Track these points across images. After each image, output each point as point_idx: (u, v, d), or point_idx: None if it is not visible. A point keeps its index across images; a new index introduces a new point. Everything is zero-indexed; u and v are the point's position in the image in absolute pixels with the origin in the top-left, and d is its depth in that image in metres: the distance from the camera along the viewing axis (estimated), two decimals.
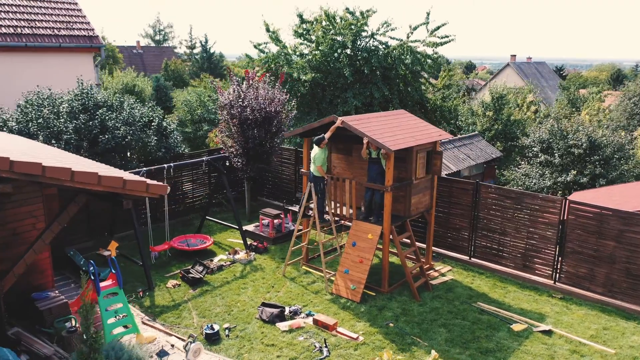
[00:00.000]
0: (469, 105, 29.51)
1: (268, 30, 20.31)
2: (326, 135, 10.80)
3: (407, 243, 12.84)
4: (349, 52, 19.72)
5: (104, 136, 12.71)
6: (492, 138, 24.67)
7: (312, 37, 19.94)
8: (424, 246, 12.54)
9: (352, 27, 19.36)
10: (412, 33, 20.11)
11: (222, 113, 14.53)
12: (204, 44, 48.86)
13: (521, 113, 26.36)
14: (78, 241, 12.59)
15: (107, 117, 13.04)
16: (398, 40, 20.06)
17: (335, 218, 11.58)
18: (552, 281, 11.24)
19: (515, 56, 53.21)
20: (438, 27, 19.84)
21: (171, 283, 11.17)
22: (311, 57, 19.71)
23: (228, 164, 14.99)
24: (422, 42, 19.96)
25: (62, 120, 12.57)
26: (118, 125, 13.11)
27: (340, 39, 19.49)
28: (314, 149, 11.00)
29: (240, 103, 13.96)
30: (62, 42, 15.92)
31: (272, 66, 19.94)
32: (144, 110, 14.64)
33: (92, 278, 8.43)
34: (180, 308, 10.18)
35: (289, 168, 16.29)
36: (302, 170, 11.94)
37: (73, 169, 6.40)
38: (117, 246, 9.07)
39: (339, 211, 11.31)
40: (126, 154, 13.70)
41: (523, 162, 20.00)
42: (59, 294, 9.32)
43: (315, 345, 8.84)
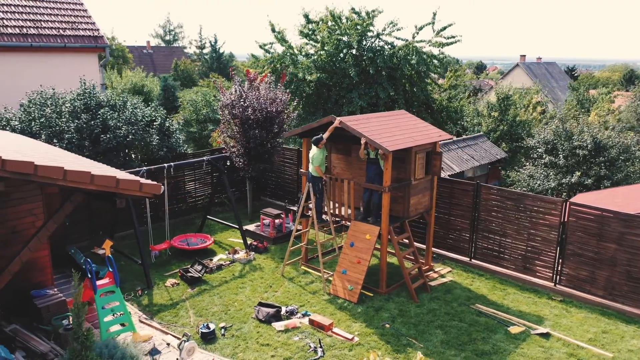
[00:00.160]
0: (475, 105, 29.29)
1: (274, 30, 20.33)
2: (324, 135, 10.78)
3: (406, 244, 12.79)
4: (355, 52, 19.65)
5: (106, 135, 12.82)
6: (498, 139, 24.48)
7: (318, 37, 19.90)
8: (425, 247, 12.49)
9: (358, 27, 19.30)
10: (418, 33, 19.99)
11: (224, 113, 14.59)
12: (214, 44, 49.03)
13: (527, 114, 26.12)
14: (80, 240, 12.74)
15: (109, 117, 13.15)
16: (404, 40, 19.97)
17: (335, 218, 11.57)
18: (553, 283, 11.14)
19: (525, 56, 52.82)
20: (444, 28, 19.71)
21: (170, 282, 11.23)
22: (317, 57, 19.69)
23: (229, 164, 15.04)
24: (428, 43, 19.86)
25: (64, 119, 12.70)
26: (120, 124, 13.21)
27: (345, 39, 19.44)
28: (312, 149, 10.97)
29: (241, 103, 14.00)
30: (67, 42, 16.08)
31: (278, 66, 19.96)
32: (147, 110, 14.72)
33: (89, 276, 8.52)
34: (177, 307, 10.24)
35: (292, 168, 16.30)
36: (301, 170, 11.94)
37: (65, 168, 6.45)
38: (112, 245, 9.11)
39: (338, 211, 11.30)
40: (128, 154, 13.79)
41: (528, 164, 19.84)
42: (58, 292, 9.40)
43: (310, 345, 8.83)
